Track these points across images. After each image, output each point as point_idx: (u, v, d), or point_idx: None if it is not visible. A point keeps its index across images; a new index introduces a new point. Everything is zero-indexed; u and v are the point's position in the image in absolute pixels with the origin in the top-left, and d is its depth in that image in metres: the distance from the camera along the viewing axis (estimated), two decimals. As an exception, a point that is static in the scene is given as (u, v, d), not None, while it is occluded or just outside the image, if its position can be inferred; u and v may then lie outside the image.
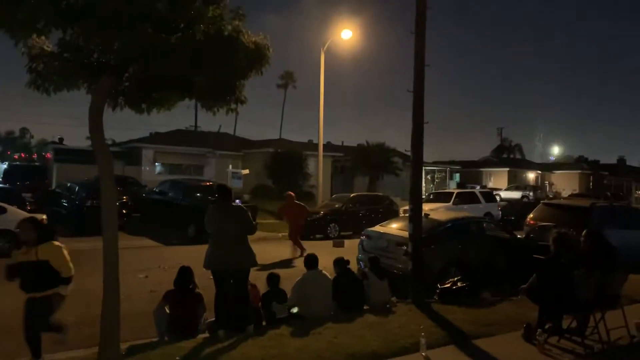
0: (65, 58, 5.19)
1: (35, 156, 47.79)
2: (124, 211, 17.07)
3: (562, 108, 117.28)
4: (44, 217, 13.60)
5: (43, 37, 5.09)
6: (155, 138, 38.79)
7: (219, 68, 4.98)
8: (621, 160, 67.50)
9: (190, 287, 6.61)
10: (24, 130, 78.69)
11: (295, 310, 7.09)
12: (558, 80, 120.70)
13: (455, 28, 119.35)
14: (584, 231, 7.16)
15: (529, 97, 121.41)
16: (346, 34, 25.16)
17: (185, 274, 6.60)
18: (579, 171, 57.49)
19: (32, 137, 77.46)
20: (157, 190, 20.56)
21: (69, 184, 19.55)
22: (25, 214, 13.71)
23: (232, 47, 4.86)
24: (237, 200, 16.67)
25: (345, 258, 8.22)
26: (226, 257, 6.55)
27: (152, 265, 11.72)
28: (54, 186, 24.68)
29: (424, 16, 9.04)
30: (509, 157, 66.17)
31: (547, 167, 58.81)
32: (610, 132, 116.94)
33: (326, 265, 8.21)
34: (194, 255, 8.36)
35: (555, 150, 60.27)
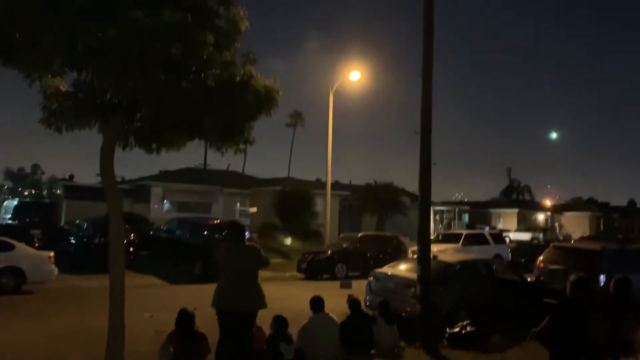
0: (79, 98, 5.31)
1: (45, 193, 48.13)
2: (132, 249, 17.04)
3: (571, 149, 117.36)
4: (52, 254, 13.63)
5: (58, 77, 5.21)
6: (164, 176, 39.03)
7: (229, 111, 5.08)
8: (631, 203, 66.89)
9: (195, 327, 6.53)
10: (35, 167, 79.39)
11: None
12: (566, 122, 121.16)
13: (463, 68, 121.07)
14: (614, 279, 6.99)
15: (537, 138, 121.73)
16: (354, 76, 25.54)
17: (184, 317, 6.49)
18: (589, 213, 56.97)
19: (43, 173, 78.04)
20: (164, 228, 20.58)
21: (77, 221, 19.64)
22: (34, 251, 13.76)
23: (242, 92, 4.97)
24: (247, 234, 16.64)
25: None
26: (237, 297, 6.39)
27: (158, 304, 11.61)
28: (62, 223, 24.77)
29: (431, 59, 9.22)
30: (518, 197, 65.75)
31: (557, 209, 58.34)
32: (620, 174, 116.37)
33: (333, 307, 8.10)
34: (200, 294, 8.29)
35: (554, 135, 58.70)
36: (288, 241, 27.53)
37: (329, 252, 20.04)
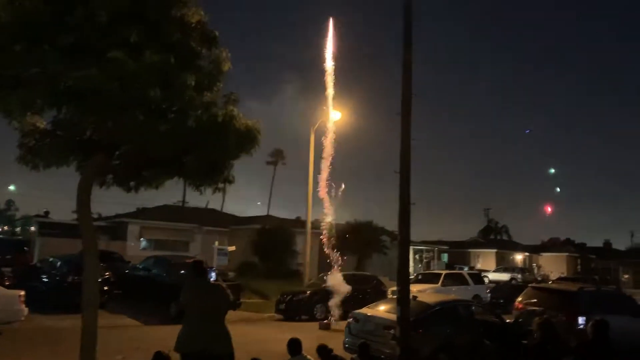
0: (57, 135, 5.28)
1: (19, 229, 47.02)
2: (106, 288, 16.61)
3: (549, 190, 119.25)
4: (22, 293, 13.21)
5: (37, 115, 5.19)
6: (142, 213, 38.54)
7: (209, 150, 5.09)
8: (607, 244, 67.92)
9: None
10: (9, 203, 77.77)
11: None
12: (544, 162, 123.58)
13: (441, 111, 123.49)
14: (592, 321, 6.98)
15: (515, 179, 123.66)
16: (335, 115, 25.79)
17: None
18: (566, 254, 57.54)
19: (17, 209, 76.45)
20: (140, 267, 20.17)
21: (51, 259, 19.14)
22: (3, 290, 13.32)
23: (223, 132, 5.00)
24: (212, 274, 16.38)
25: (329, 346, 7.94)
26: (201, 339, 6.18)
27: (131, 346, 11.29)
28: (35, 260, 24.14)
29: (409, 101, 9.42)
30: (496, 238, 66.33)
31: (535, 249, 58.87)
32: (595, 215, 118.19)
33: (311, 349, 7.94)
34: (174, 336, 8.08)
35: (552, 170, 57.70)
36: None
37: (308, 292, 19.80)
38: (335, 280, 18.49)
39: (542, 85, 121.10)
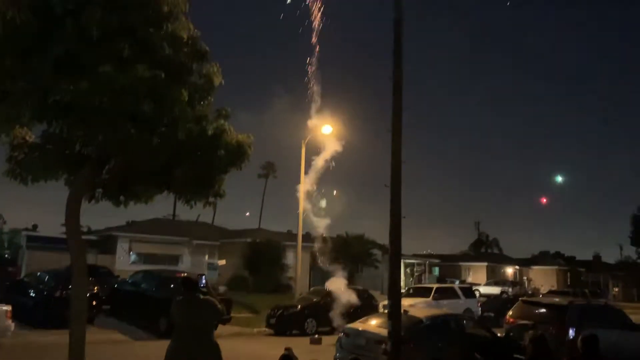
0: (47, 149, 5.25)
1: (6, 244, 46.38)
2: (94, 303, 16.41)
3: (538, 203, 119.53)
4: (9, 308, 13.01)
5: (25, 128, 5.16)
6: (131, 226, 38.25)
7: (199, 164, 5.09)
8: (596, 257, 68.28)
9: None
10: (-3, 216, 76.70)
11: None
12: (533, 175, 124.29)
13: (433, 120, 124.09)
14: (582, 335, 6.99)
15: (505, 192, 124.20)
16: (327, 129, 25.83)
17: None
18: (556, 267, 57.76)
19: (4, 222, 75.46)
20: (129, 281, 19.98)
21: (38, 273, 18.92)
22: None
23: (213, 146, 5.00)
24: (202, 281, 16.28)
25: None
26: (188, 353, 6.14)
27: (119, 362, 11.14)
28: (23, 275, 23.88)
29: (400, 116, 9.44)
30: (487, 251, 66.49)
31: (525, 263, 59.06)
32: (584, 228, 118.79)
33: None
34: (163, 351, 8.00)
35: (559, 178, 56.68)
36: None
37: (299, 306, 19.66)
38: (339, 289, 18.62)
39: (534, 97, 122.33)
